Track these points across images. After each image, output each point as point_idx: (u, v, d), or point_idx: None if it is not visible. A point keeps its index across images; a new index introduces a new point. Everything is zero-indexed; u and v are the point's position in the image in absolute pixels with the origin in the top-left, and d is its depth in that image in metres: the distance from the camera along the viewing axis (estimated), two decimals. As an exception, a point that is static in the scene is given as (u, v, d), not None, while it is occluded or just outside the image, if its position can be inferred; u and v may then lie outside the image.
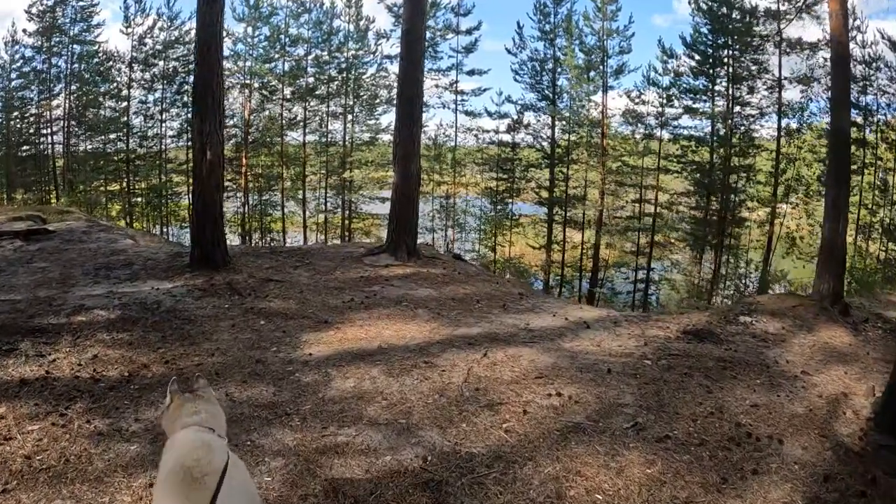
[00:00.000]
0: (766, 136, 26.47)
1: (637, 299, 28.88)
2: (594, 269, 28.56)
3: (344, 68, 30.69)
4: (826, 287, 8.62)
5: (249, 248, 11.07)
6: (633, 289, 29.20)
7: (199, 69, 8.53)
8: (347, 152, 31.11)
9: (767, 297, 10.28)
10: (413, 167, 10.66)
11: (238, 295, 7.70)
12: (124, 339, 6.13)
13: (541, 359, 5.96)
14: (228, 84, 31.29)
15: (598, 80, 27.63)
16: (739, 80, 25.80)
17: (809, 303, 8.47)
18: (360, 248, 11.39)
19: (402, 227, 10.70)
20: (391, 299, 8.00)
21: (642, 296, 28.76)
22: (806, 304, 8.41)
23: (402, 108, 10.67)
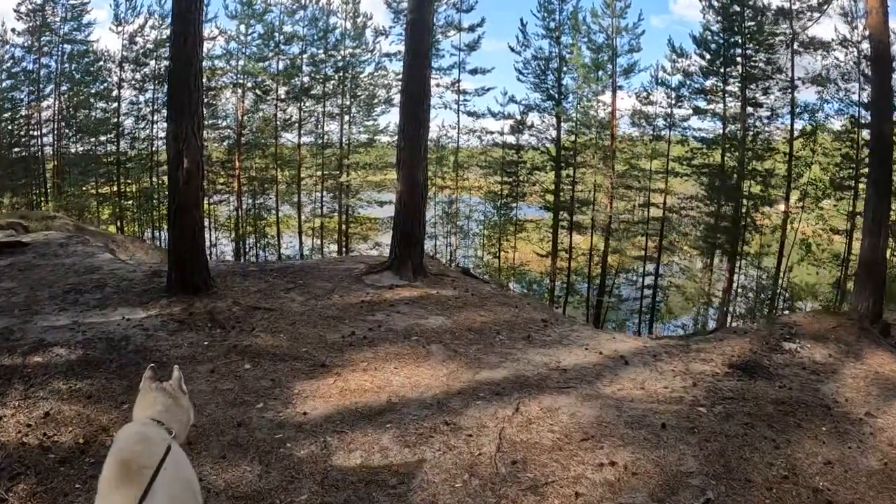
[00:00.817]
0: (778, 138, 25.51)
1: (644, 306, 27.91)
2: (602, 277, 27.50)
3: (341, 67, 29.55)
4: (865, 305, 8.34)
5: (236, 265, 9.94)
6: (640, 295, 28.20)
7: (174, 64, 7.37)
8: (344, 154, 29.98)
9: (803, 315, 9.45)
10: (419, 174, 9.60)
11: (220, 328, 6.62)
12: (83, 391, 5.08)
13: (583, 411, 5.00)
14: (220, 84, 30.66)
15: (607, 80, 26.58)
16: (754, 80, 24.72)
17: (848, 322, 7.86)
18: (360, 265, 10.28)
19: (408, 241, 9.62)
20: (399, 332, 6.92)
21: (650, 302, 27.77)
22: (845, 325, 7.78)
23: (407, 108, 9.59)
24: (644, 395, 5.48)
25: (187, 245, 7.62)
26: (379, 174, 30.31)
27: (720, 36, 25.51)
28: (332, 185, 30.21)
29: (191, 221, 7.58)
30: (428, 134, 9.99)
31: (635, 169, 27.28)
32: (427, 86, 9.70)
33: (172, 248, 7.86)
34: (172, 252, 7.86)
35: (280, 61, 29.90)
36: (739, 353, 6.89)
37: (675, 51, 26.33)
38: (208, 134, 30.86)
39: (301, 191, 30.31)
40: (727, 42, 25.42)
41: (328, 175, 30.13)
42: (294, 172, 30.33)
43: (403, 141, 9.56)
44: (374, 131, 30.34)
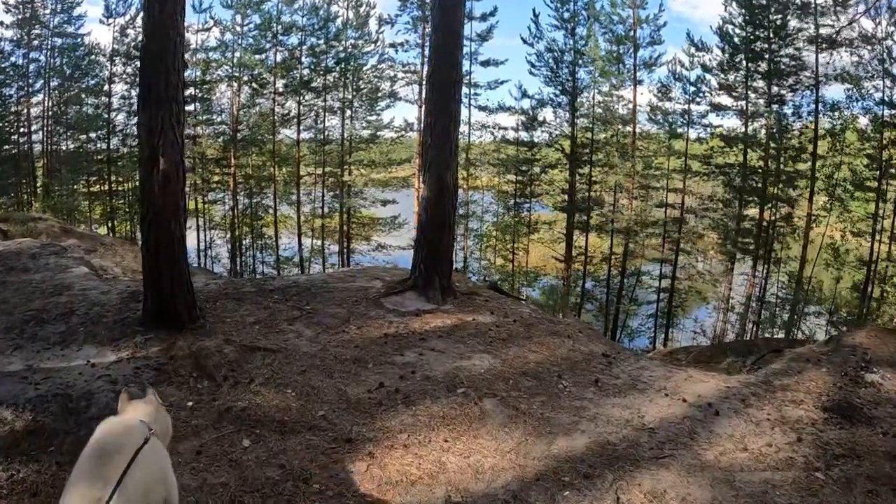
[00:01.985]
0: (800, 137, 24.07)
1: (661, 309, 26.49)
2: (621, 282, 26.03)
3: (342, 59, 27.91)
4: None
5: (229, 284, 8.35)
6: (655, 299, 26.77)
7: (148, 39, 5.78)
8: (346, 151, 28.42)
9: (865, 335, 8.50)
10: (449, 177, 8.14)
11: (209, 379, 5.13)
12: (27, 483, 3.66)
13: (694, 493, 3.90)
14: (215, 77, 29.10)
15: (626, 73, 25.08)
16: (782, 76, 23.29)
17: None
18: (376, 281, 8.80)
19: (434, 256, 8.16)
20: (439, 380, 5.44)
21: (664, 307, 26.38)
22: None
23: (437, 98, 8.10)
24: (751, 460, 4.49)
25: (165, 267, 6.11)
26: (383, 171, 28.80)
27: (746, 29, 24.03)
28: (333, 183, 28.64)
29: (169, 237, 6.06)
30: (459, 129, 8.49)
31: (652, 167, 25.77)
32: (459, 71, 8.22)
33: (147, 272, 6.33)
34: (148, 276, 6.33)
35: (278, 53, 28.38)
36: (825, 389, 6.04)
37: (695, 45, 24.79)
38: (202, 130, 29.64)
39: (300, 189, 28.75)
40: (752, 35, 23.97)
41: (329, 173, 28.56)
42: (292, 170, 28.77)
43: (430, 137, 8.09)
44: (377, 127, 28.83)
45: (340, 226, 28.82)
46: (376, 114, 28.77)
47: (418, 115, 27.25)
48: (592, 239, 26.58)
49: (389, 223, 28.71)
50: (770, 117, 23.41)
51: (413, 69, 27.33)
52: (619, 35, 24.83)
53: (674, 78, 25.23)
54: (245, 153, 29.24)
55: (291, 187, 28.72)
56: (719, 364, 15.29)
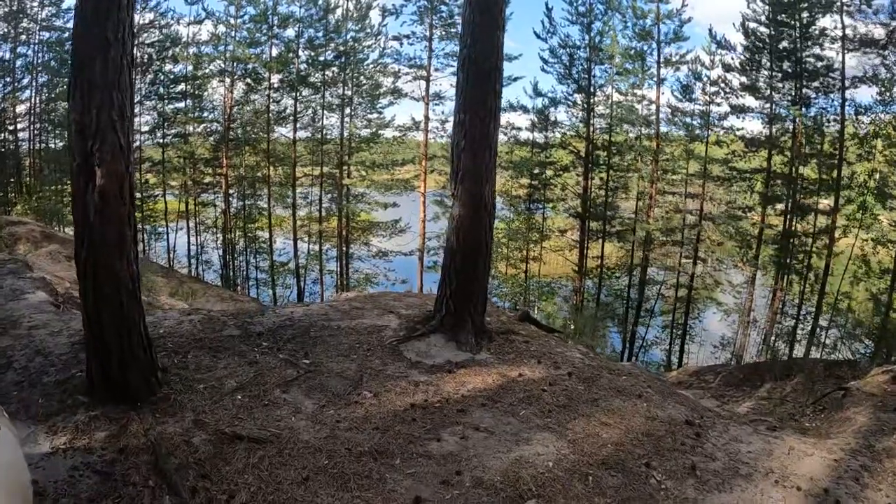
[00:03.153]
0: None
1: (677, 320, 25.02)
2: (640, 295, 24.47)
3: (342, 52, 26.19)
4: None
5: (206, 325, 6.57)
6: (672, 307, 25.27)
7: (81, 2, 4.01)
8: (345, 151, 26.77)
9: None
10: (487, 191, 6.61)
11: (171, 492, 3.56)
12: None
13: None
14: (207, 72, 27.57)
15: (647, 72, 23.49)
16: (810, 77, 21.79)
17: None
18: (389, 317, 7.22)
19: (467, 289, 6.62)
20: (496, 487, 3.88)
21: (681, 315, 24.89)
22: None
23: (471, 89, 6.50)
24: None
25: (110, 324, 4.42)
26: (384, 173, 27.19)
27: (768, 27, 22.51)
28: (331, 185, 27.01)
29: (113, 281, 4.36)
30: (499, 128, 6.92)
31: (671, 172, 24.24)
32: (500, 57, 6.63)
33: (87, 328, 4.58)
34: (88, 334, 4.61)
35: (274, 47, 26.71)
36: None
37: (717, 42, 23.20)
38: (193, 128, 28.08)
39: (296, 192, 27.09)
40: (776, 34, 22.47)
41: (327, 175, 26.91)
42: (288, 171, 27.12)
43: (463, 139, 6.51)
44: (378, 125, 27.13)
45: (339, 230, 27.17)
46: (378, 112, 27.16)
47: (425, 113, 25.73)
48: (607, 247, 25.03)
49: (391, 227, 27.11)
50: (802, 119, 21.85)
51: (419, 63, 25.67)
52: (639, 30, 23.22)
53: (694, 77, 23.75)
54: (238, 153, 27.62)
55: (287, 189, 27.04)
56: (757, 390, 13.86)
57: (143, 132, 28.53)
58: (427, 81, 25.28)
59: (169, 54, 27.76)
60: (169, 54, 27.76)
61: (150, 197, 29.41)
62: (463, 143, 6.50)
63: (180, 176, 28.47)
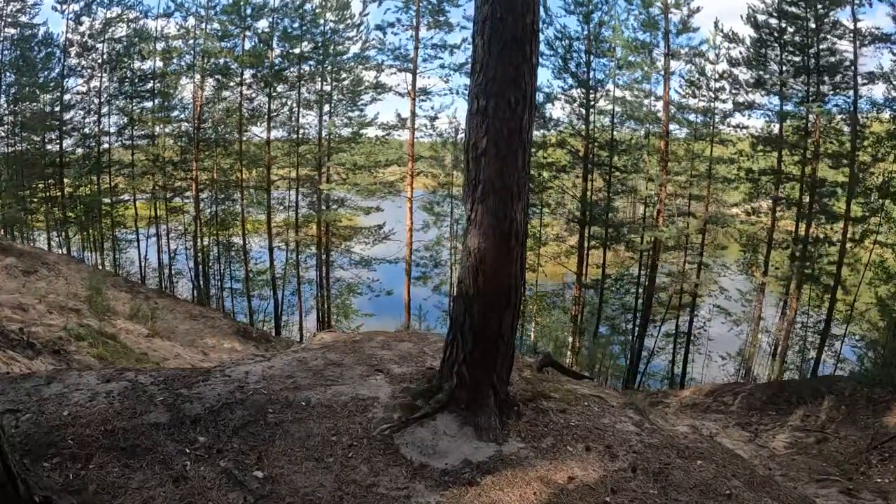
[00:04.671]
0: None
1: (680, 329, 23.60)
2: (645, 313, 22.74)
3: (320, 44, 24.12)
4: None
5: (127, 399, 4.66)
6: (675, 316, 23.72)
7: None
8: (324, 152, 24.75)
9: None
10: (519, 212, 4.77)
11: None
12: None
13: None
14: (176, 68, 25.58)
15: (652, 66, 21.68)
16: (822, 72, 20.34)
17: None
18: (378, 379, 5.38)
19: (489, 353, 4.81)
20: None
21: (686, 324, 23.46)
22: None
23: (498, 62, 4.60)
24: None
25: None
26: (367, 175, 25.27)
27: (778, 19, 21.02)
28: (310, 188, 25.01)
29: None
30: (534, 120, 5.04)
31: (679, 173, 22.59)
32: (536, 14, 4.69)
33: None
34: None
35: (247, 39, 24.59)
36: None
37: (725, 35, 21.57)
38: (160, 129, 26.05)
39: (272, 195, 25.01)
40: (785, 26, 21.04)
41: (305, 177, 24.90)
42: (263, 173, 25.05)
43: (484, 137, 4.62)
44: (360, 124, 25.00)
45: (318, 237, 25.11)
46: (359, 109, 25.05)
47: (412, 109, 23.56)
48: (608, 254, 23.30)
49: (374, 233, 25.12)
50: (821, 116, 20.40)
51: (405, 54, 23.61)
52: (645, 20, 21.44)
53: (698, 73, 22.11)
54: (209, 154, 25.57)
55: (262, 193, 25.00)
56: (786, 417, 12.22)
57: (111, 133, 26.86)
58: (413, 75, 23.26)
59: (136, 50, 25.71)
60: (136, 50, 25.71)
61: (120, 202, 27.63)
62: (484, 142, 4.61)
63: (150, 179, 26.42)
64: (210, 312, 20.38)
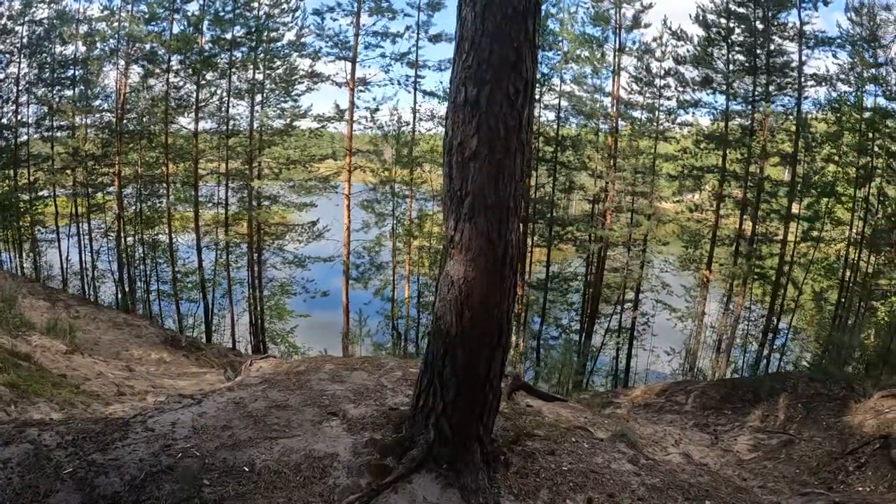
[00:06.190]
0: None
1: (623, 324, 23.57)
2: (591, 316, 22.34)
3: (254, 29, 22.66)
4: None
5: (29, 467, 3.58)
6: (619, 310, 23.67)
7: None
8: (255, 145, 23.33)
9: None
10: (512, 231, 3.89)
11: None
12: None
13: None
14: (98, 53, 23.79)
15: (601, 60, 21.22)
16: (778, 72, 20.57)
17: None
18: (333, 427, 4.48)
19: (474, 401, 4.02)
20: None
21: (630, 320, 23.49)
22: None
23: (492, 40, 3.69)
24: None
25: None
26: (302, 170, 24.03)
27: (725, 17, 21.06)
28: (241, 184, 23.62)
29: None
30: (533, 115, 4.10)
31: (625, 170, 22.28)
32: None
33: None
34: None
35: (176, 23, 22.98)
36: None
37: (673, 33, 21.55)
38: (81, 119, 24.16)
39: (201, 191, 23.47)
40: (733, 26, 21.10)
41: (235, 172, 23.49)
42: (190, 167, 23.50)
43: (474, 135, 3.74)
44: (293, 115, 23.73)
45: (250, 235, 23.66)
46: (293, 99, 23.73)
47: (351, 100, 22.46)
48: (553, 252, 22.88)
49: (308, 231, 23.94)
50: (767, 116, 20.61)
51: (344, 41, 22.47)
52: (595, 14, 20.97)
53: (645, 70, 22.00)
54: (133, 147, 23.81)
55: (189, 189, 23.45)
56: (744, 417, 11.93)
57: (30, 124, 24.68)
58: (353, 63, 22.18)
59: (57, 34, 23.74)
60: (57, 34, 23.74)
61: (39, 199, 25.48)
62: (474, 142, 3.71)
63: (70, 174, 24.49)
64: (135, 320, 18.86)
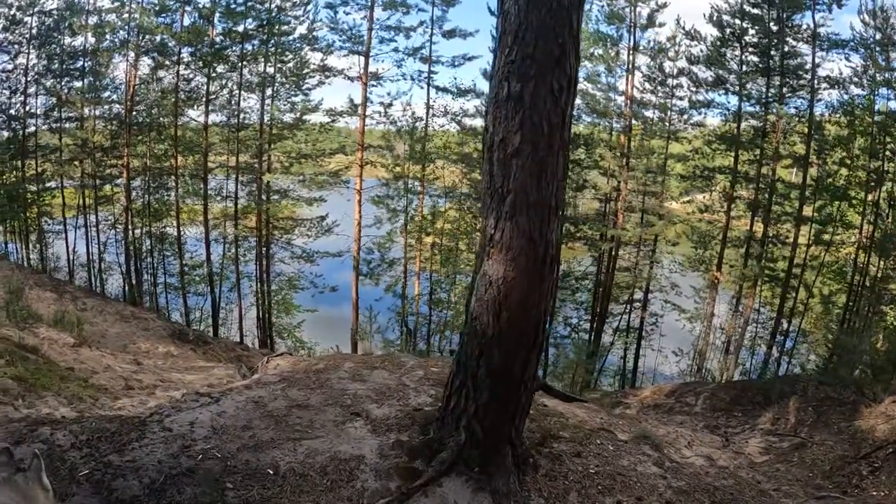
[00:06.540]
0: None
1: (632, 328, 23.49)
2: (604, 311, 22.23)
3: (265, 22, 22.50)
4: None
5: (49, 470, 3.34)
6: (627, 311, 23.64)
7: None
8: (266, 139, 23.23)
9: None
10: (552, 230, 3.79)
11: None
12: None
13: None
14: (108, 44, 23.67)
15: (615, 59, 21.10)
16: (791, 74, 20.36)
17: None
18: (357, 428, 4.42)
19: (509, 402, 3.93)
20: None
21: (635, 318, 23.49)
22: None
23: (536, 32, 3.59)
24: None
25: None
26: (311, 164, 23.91)
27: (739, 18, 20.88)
28: (250, 177, 23.52)
29: None
30: (573, 108, 3.94)
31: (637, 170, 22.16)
32: None
33: None
34: None
35: (186, 15, 22.89)
36: None
37: (687, 32, 21.35)
38: (89, 111, 24.05)
39: (210, 185, 23.40)
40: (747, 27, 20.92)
41: (245, 166, 23.38)
42: (199, 160, 23.38)
43: (517, 132, 3.64)
44: (303, 109, 23.59)
45: (259, 229, 23.59)
46: (304, 93, 23.59)
47: (364, 95, 22.25)
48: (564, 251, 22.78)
49: (317, 225, 23.87)
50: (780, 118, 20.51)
51: (357, 35, 22.24)
52: (610, 12, 20.82)
53: (658, 69, 21.88)
54: (142, 139, 23.74)
55: (198, 182, 23.34)
56: (755, 420, 11.81)
57: (38, 115, 24.45)
58: (366, 58, 21.97)
59: (67, 24, 23.64)
60: (67, 24, 23.64)
61: (47, 190, 25.30)
62: (517, 139, 3.60)
63: (77, 166, 24.41)
64: (143, 313, 18.82)
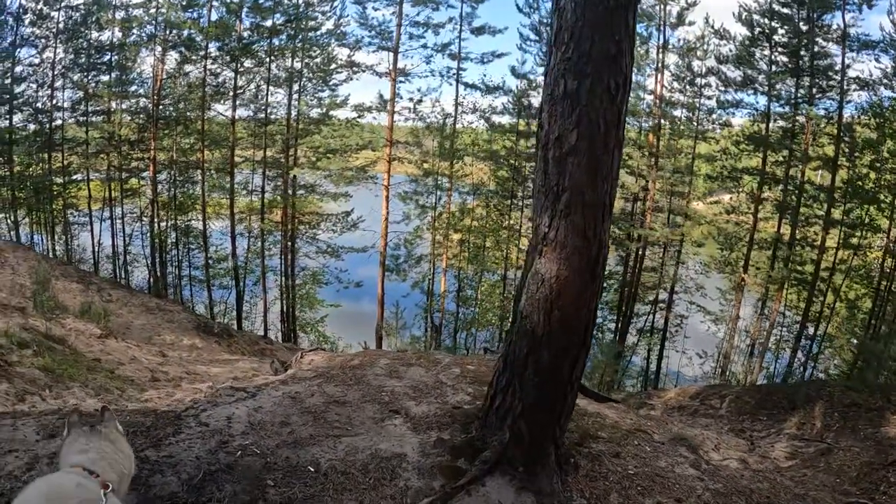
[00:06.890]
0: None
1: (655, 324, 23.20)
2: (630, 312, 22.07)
3: (293, 17, 22.47)
4: None
5: None
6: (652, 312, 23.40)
7: None
8: (293, 134, 23.24)
9: None
10: (605, 229, 3.74)
11: None
12: None
13: None
14: (135, 39, 23.80)
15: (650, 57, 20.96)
16: (821, 75, 19.90)
17: None
18: (397, 425, 4.37)
19: (555, 401, 3.90)
20: None
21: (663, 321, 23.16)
22: None
23: (593, 29, 3.48)
24: None
25: None
26: (339, 160, 23.89)
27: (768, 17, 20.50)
28: (277, 172, 23.57)
29: None
30: (627, 112, 3.88)
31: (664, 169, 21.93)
32: None
33: None
34: None
35: (213, 10, 22.92)
36: None
37: (716, 31, 21.09)
38: (116, 104, 24.28)
39: (236, 179, 23.50)
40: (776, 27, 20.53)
41: (271, 161, 23.44)
42: (226, 154, 23.47)
43: (574, 129, 3.56)
44: (330, 105, 23.53)
45: (284, 224, 23.70)
46: (331, 89, 23.52)
47: (393, 89, 22.25)
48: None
49: (342, 221, 23.86)
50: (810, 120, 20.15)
51: (386, 31, 22.19)
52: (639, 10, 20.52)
53: (686, 68, 21.62)
54: (169, 133, 23.92)
55: (224, 176, 23.43)
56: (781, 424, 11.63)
57: (65, 108, 24.68)
58: (395, 54, 21.94)
59: (94, 19, 23.79)
60: (94, 19, 23.79)
61: (73, 182, 25.56)
62: (573, 137, 3.54)
63: (104, 159, 24.60)
64: (168, 305, 18.95)
